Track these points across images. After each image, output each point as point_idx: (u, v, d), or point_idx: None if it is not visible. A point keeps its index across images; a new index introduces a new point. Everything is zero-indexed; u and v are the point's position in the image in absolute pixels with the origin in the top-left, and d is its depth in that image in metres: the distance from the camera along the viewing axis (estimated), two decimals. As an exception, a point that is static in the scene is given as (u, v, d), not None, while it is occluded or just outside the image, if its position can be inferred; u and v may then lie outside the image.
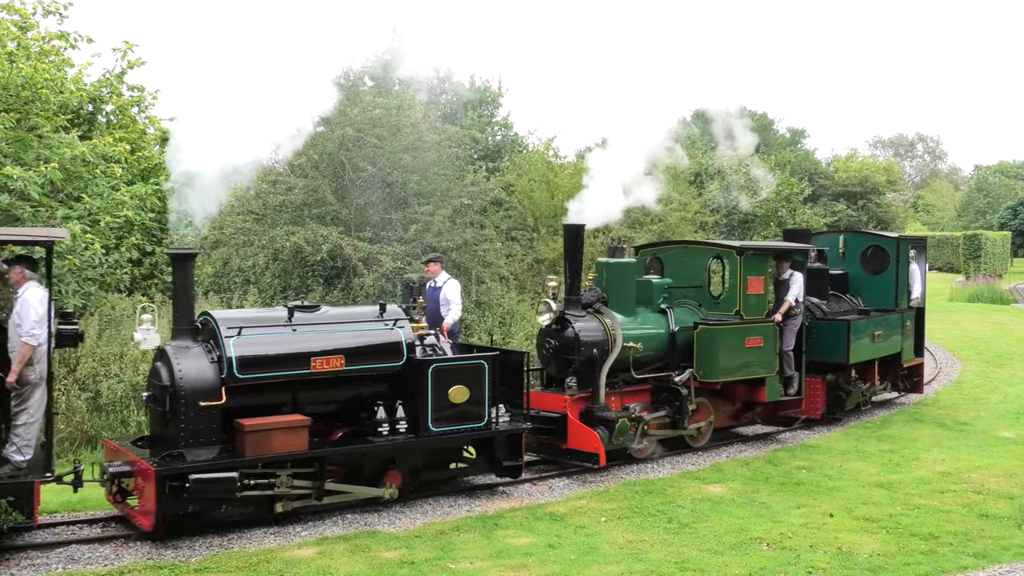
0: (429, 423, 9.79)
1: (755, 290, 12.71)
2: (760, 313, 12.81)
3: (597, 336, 11.60)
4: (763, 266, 12.90)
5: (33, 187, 12.44)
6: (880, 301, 15.44)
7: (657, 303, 12.58)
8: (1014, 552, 8.88)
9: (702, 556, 8.67)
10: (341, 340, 9.56)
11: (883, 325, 15.06)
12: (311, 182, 17.35)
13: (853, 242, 16.16)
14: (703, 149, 30.68)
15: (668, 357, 12.36)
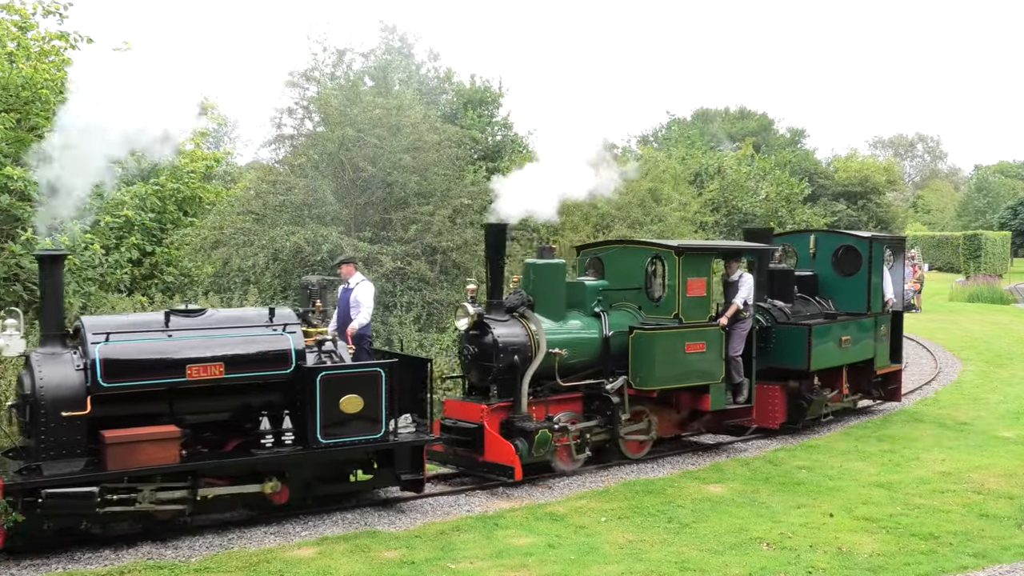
0: (318, 435, 9.18)
1: (696, 292, 11.92)
2: (703, 317, 12.06)
3: (519, 342, 10.95)
4: (705, 267, 12.13)
5: (33, 187, 12.45)
6: (852, 304, 14.78)
7: (590, 306, 11.91)
8: (1014, 552, 8.88)
9: (702, 556, 8.67)
10: (221, 346, 8.93)
11: (852, 330, 14.34)
12: (311, 182, 17.36)
13: (824, 242, 15.38)
14: (703, 149, 30.67)
15: (601, 363, 11.70)
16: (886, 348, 15.23)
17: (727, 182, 25.93)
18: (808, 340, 13.32)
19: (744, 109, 59.78)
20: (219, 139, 44.87)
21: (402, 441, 9.80)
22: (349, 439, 9.38)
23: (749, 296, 12.61)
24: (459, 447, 10.87)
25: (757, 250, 13.47)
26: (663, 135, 49.14)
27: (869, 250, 14.74)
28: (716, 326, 12.11)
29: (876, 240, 14.97)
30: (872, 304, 14.75)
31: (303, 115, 18.48)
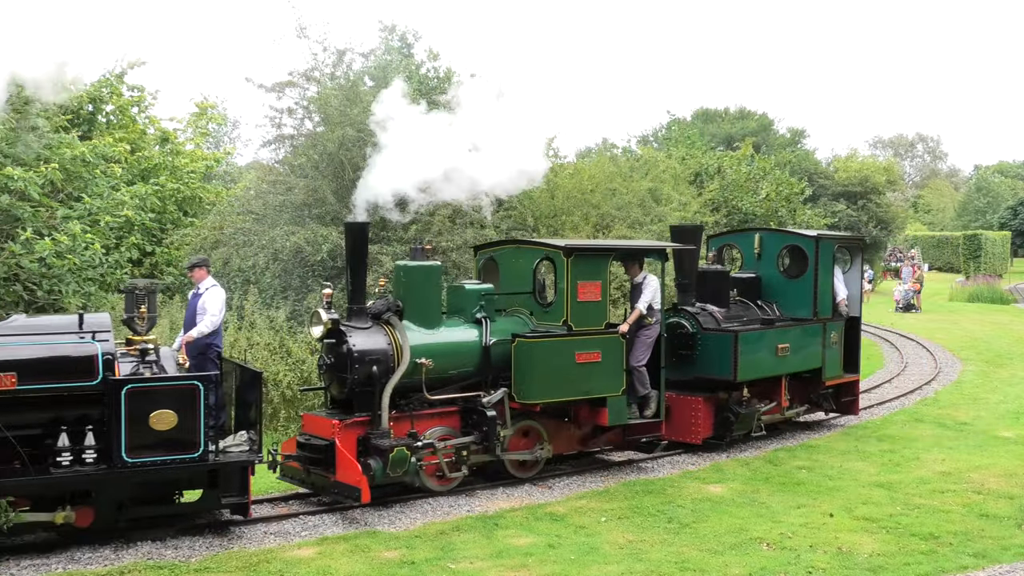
0: (123, 453, 8.32)
1: (589, 296, 10.92)
2: (597, 323, 11.04)
3: (379, 351, 10.01)
4: (599, 269, 11.07)
5: (33, 187, 12.47)
6: (798, 309, 13.66)
7: (472, 312, 10.91)
8: (1014, 552, 8.88)
9: (702, 556, 8.67)
10: (13, 355, 8.11)
11: (793, 336, 13.24)
12: (311, 182, 17.36)
13: (769, 242, 14.23)
14: (703, 149, 30.67)
15: (481, 374, 10.70)
16: (837, 357, 14.07)
17: (727, 182, 25.93)
18: (734, 348, 12.30)
19: (744, 109, 59.76)
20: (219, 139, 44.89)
21: (224, 461, 8.92)
22: (160, 459, 8.47)
23: (655, 300, 11.64)
24: (312, 466, 9.93)
25: (662, 250, 12.15)
26: (663, 135, 49.13)
27: (816, 250, 13.60)
28: (614, 334, 11.15)
29: (824, 239, 13.87)
30: (819, 309, 13.65)
31: (303, 115, 18.48)
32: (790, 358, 13.17)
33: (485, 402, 10.51)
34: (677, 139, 34.21)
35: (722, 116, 58.52)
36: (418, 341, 10.30)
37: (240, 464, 9.01)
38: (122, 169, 14.88)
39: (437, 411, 10.49)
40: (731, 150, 35.78)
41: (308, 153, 17.78)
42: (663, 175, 22.41)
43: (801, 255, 13.90)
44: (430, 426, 10.38)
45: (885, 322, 32.15)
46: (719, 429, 12.69)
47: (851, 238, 16.05)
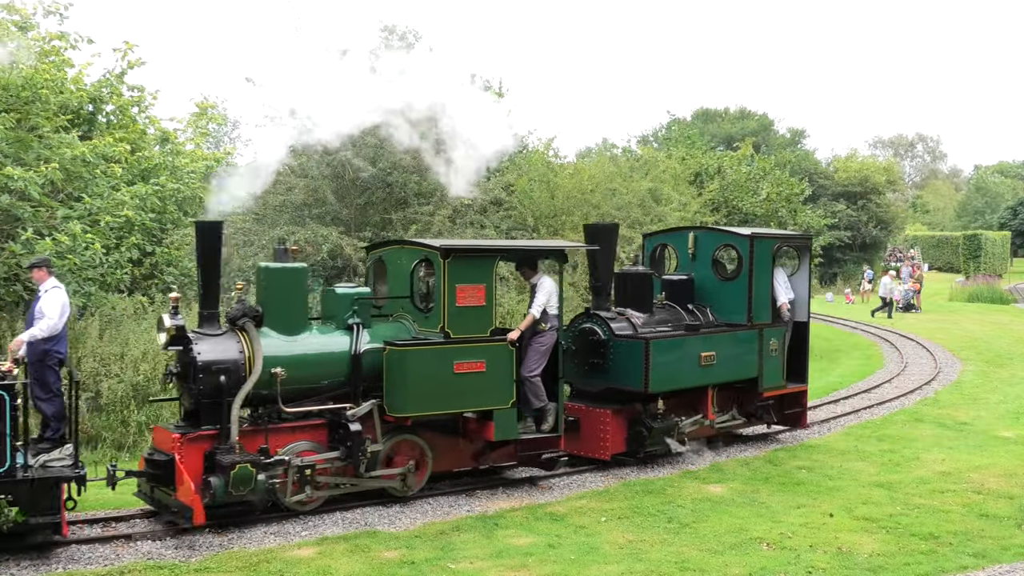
0: None
1: (470, 301, 10.06)
2: (480, 330, 10.15)
3: (228, 360, 9.22)
4: (482, 271, 10.19)
5: (33, 187, 12.47)
6: (733, 313, 12.69)
7: (344, 318, 10.10)
8: (1014, 552, 8.88)
9: (702, 556, 8.67)
10: None
11: (719, 344, 12.27)
12: (311, 182, 17.35)
13: (704, 241, 13.16)
14: (703, 149, 30.66)
15: (351, 385, 9.87)
16: (778, 365, 13.01)
17: (727, 182, 25.92)
18: (646, 356, 11.39)
19: (744, 109, 59.79)
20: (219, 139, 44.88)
21: (31, 477, 8.25)
22: None
23: (550, 303, 10.78)
24: (155, 482, 9.25)
25: (559, 251, 11.19)
26: (663, 135, 49.13)
27: (750, 250, 12.57)
28: (500, 341, 10.26)
29: (759, 238, 12.77)
30: (754, 314, 12.60)
31: (303, 115, 18.46)
32: (716, 367, 12.19)
33: (350, 415, 9.68)
34: (677, 139, 34.22)
35: (722, 116, 58.56)
36: (276, 349, 9.50)
37: (52, 480, 8.31)
38: (122, 169, 14.86)
39: (300, 424, 9.67)
40: (731, 150, 35.79)
41: (308, 153, 17.77)
42: (663, 175, 22.41)
43: (736, 255, 13.06)
44: (290, 441, 9.57)
45: (885, 322, 32.16)
46: (633, 444, 11.78)
47: (796, 237, 14.78)
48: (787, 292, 13.35)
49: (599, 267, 12.15)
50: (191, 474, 8.87)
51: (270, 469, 9.20)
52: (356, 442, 9.61)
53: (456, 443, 10.72)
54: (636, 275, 12.48)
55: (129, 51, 17.00)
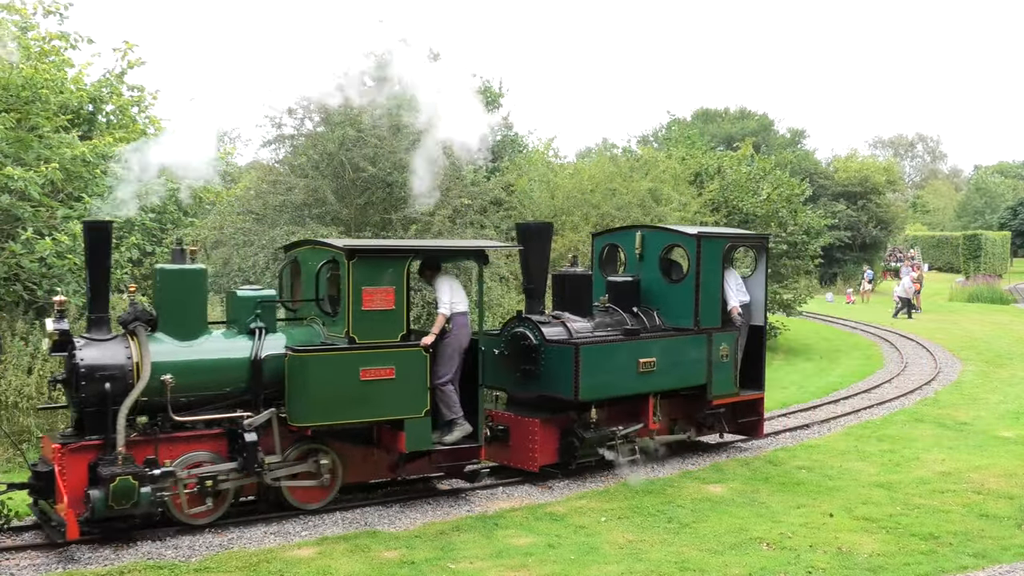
0: None
1: (378, 304, 9.55)
2: (390, 335, 9.62)
3: (113, 366, 8.79)
4: (390, 273, 9.66)
5: (34, 187, 12.46)
6: (681, 317, 12.07)
7: (246, 322, 9.61)
8: (1014, 552, 8.88)
9: (702, 556, 8.67)
10: None
11: (661, 350, 11.61)
12: (311, 182, 17.35)
13: (652, 240, 12.47)
14: (703, 149, 30.64)
15: (252, 393, 9.41)
16: (730, 372, 12.35)
17: (727, 182, 25.91)
18: (575, 363, 10.78)
19: (744, 109, 59.81)
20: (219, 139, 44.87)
21: None
22: None
23: (456, 303, 10.27)
24: (37, 495, 8.87)
25: (479, 252, 10.59)
26: (663, 135, 49.12)
27: (697, 250, 11.94)
28: (412, 347, 9.75)
29: (706, 238, 12.11)
30: (702, 317, 11.98)
31: (303, 115, 18.48)
32: (657, 374, 11.54)
33: (246, 424, 9.20)
34: (677, 139, 34.21)
35: (722, 116, 58.57)
36: (168, 355, 9.06)
37: None
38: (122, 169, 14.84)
39: (197, 434, 9.22)
40: (731, 150, 35.79)
41: (308, 153, 17.78)
42: (663, 175, 22.39)
43: (683, 256, 12.41)
44: (186, 451, 9.13)
45: (885, 322, 32.16)
46: (565, 455, 11.23)
47: (750, 237, 14.10)
48: (740, 295, 12.73)
49: (531, 268, 11.56)
50: (71, 486, 8.48)
51: (157, 481, 8.69)
52: (251, 453, 9.14)
53: (370, 453, 10.19)
54: (574, 277, 11.90)
55: (129, 51, 16.99)
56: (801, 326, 29.43)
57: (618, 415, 11.67)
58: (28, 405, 11.44)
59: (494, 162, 26.05)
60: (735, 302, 12.56)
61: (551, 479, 9.72)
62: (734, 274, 12.85)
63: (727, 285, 12.52)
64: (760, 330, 13.07)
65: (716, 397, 12.24)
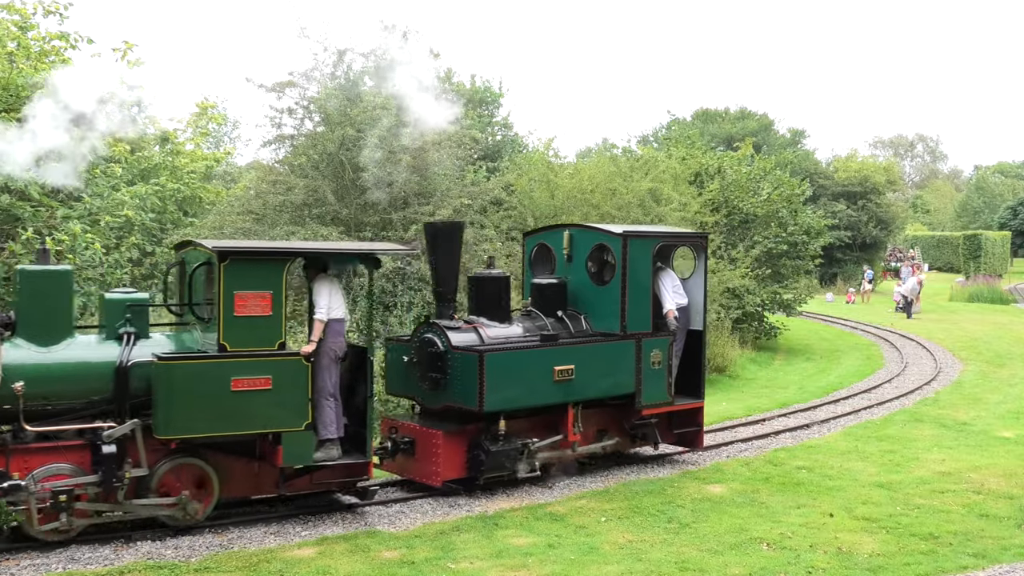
0: None
1: (252, 310, 8.95)
2: (266, 343, 9.03)
3: None
4: (267, 276, 9.05)
5: (33, 187, 12.47)
6: (609, 321, 11.37)
7: (116, 326, 9.10)
8: (1014, 552, 8.88)
9: (702, 556, 8.67)
10: None
11: (581, 357, 10.87)
12: (311, 182, 17.35)
13: (581, 240, 11.76)
14: (703, 149, 30.65)
15: (118, 401, 8.86)
16: (663, 380, 11.57)
17: (727, 182, 25.90)
18: (480, 371, 10.08)
19: (744, 109, 59.78)
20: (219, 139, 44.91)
21: None
22: None
23: (334, 309, 9.67)
24: None
25: (368, 255, 10.00)
26: (663, 135, 49.12)
27: (623, 250, 11.20)
28: (293, 356, 9.20)
29: (634, 237, 11.36)
30: (629, 322, 11.24)
31: (303, 115, 18.48)
32: (577, 383, 10.84)
33: (105, 435, 8.64)
34: (677, 139, 34.19)
35: (722, 116, 58.55)
36: (22, 360, 8.55)
37: None
38: (122, 169, 14.87)
39: (56, 445, 8.67)
40: (731, 150, 35.79)
41: (308, 153, 17.78)
42: (663, 175, 22.38)
43: (611, 256, 11.61)
44: (44, 463, 8.56)
45: (885, 322, 32.17)
46: (472, 469, 10.52)
47: (686, 235, 13.06)
48: (677, 297, 12.02)
49: (439, 271, 10.91)
50: None
51: (6, 495, 8.17)
52: (109, 466, 8.59)
53: (252, 467, 9.52)
54: (490, 279, 11.17)
55: (129, 51, 17.01)
56: (801, 326, 29.44)
57: (535, 426, 10.99)
58: None
59: (494, 162, 26.06)
60: (671, 305, 11.90)
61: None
62: (671, 275, 12.19)
63: (663, 287, 11.92)
64: (699, 335, 12.37)
65: (646, 407, 11.50)
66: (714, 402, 17.68)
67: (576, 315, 11.54)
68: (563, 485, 11.13)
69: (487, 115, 28.91)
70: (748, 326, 24.40)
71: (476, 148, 21.99)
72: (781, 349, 25.55)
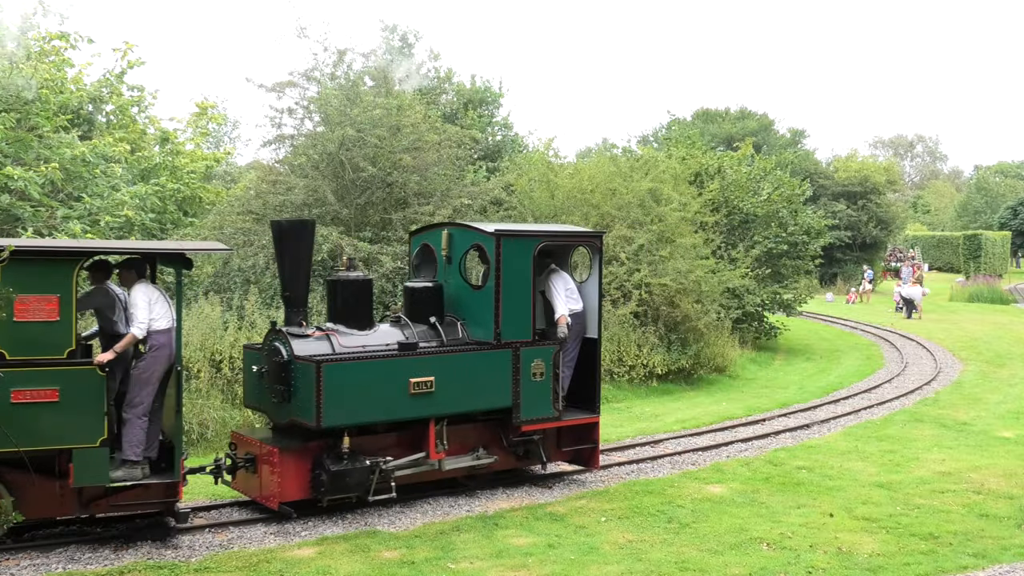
0: None
1: (36, 315, 8.18)
2: (54, 350, 8.25)
3: None
4: (53, 279, 8.28)
5: (34, 187, 12.47)
6: (487, 328, 10.28)
7: None
8: (1014, 552, 8.88)
9: (702, 556, 8.67)
10: None
11: (442, 367, 9.86)
12: (311, 182, 17.36)
13: (459, 240, 10.75)
14: (703, 149, 30.63)
15: None
16: (547, 392, 10.47)
17: (727, 182, 25.88)
18: (317, 382, 9.15)
19: (745, 109, 59.77)
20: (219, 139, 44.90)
21: None
22: None
23: (161, 318, 8.90)
24: None
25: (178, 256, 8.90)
26: (663, 135, 49.09)
27: (497, 250, 10.16)
28: (83, 365, 8.39)
29: (508, 237, 10.29)
30: (504, 328, 10.18)
31: (303, 115, 18.49)
32: (439, 396, 9.83)
33: None
34: (677, 139, 34.17)
35: (722, 116, 58.54)
36: None
37: None
38: (122, 169, 14.87)
39: None
40: (731, 150, 35.78)
41: (308, 153, 17.78)
42: (663, 175, 22.35)
43: (486, 257, 10.60)
44: None
45: (885, 322, 32.16)
46: (316, 490, 9.58)
47: (576, 234, 11.65)
48: (569, 301, 10.98)
49: (287, 273, 9.98)
50: None
51: None
52: None
53: (53, 486, 8.62)
54: (349, 283, 10.15)
55: (129, 51, 17.01)
56: (801, 326, 29.44)
57: (398, 443, 10.09)
58: None
59: (494, 162, 26.05)
60: (563, 310, 10.86)
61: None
62: (565, 278, 11.09)
63: (554, 290, 10.95)
64: (594, 343, 11.22)
65: (527, 422, 10.42)
66: (714, 402, 17.69)
67: (454, 322, 10.53)
68: (563, 485, 11.13)
69: (487, 115, 28.91)
70: (748, 326, 24.40)
71: (476, 148, 22.01)
72: (781, 349, 25.55)
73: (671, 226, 20.69)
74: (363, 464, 9.64)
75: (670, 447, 13.26)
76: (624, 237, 20.10)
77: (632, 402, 17.53)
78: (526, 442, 10.82)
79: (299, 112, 18.39)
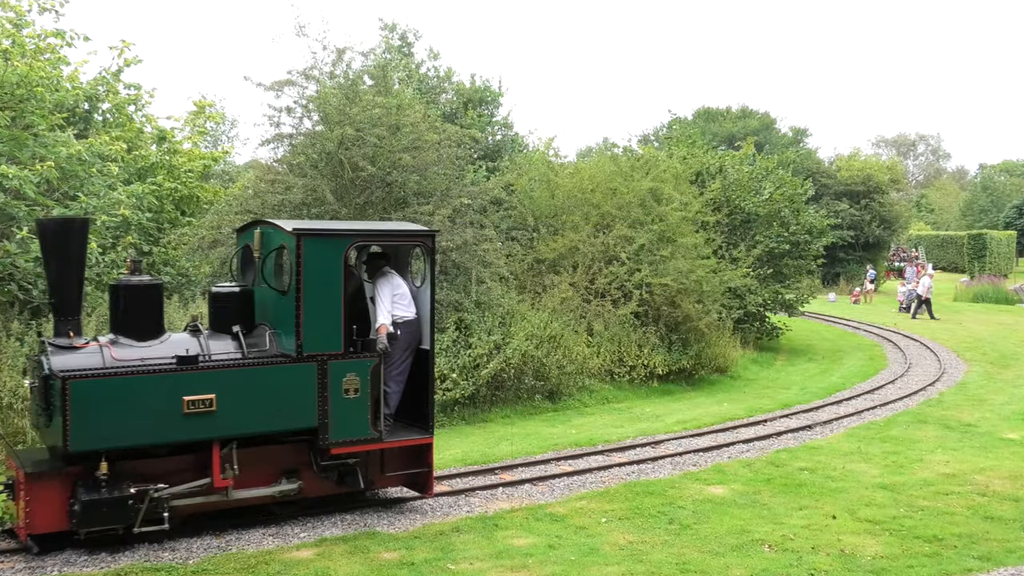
0: None
1: None
2: None
3: None
4: None
5: (29, 186, 12.37)
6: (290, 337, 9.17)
7: None
8: (1019, 555, 8.80)
9: (703, 557, 8.59)
10: None
11: (229, 383, 8.79)
12: (310, 181, 17.27)
13: (271, 240, 9.66)
14: (704, 148, 30.53)
15: None
16: (363, 411, 9.37)
17: (729, 182, 25.78)
18: (64, 401, 8.14)
19: (746, 108, 59.69)
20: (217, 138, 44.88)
21: None
22: None
23: None
24: None
25: None
26: (664, 134, 49.00)
27: (297, 251, 9.05)
28: None
29: (311, 235, 9.19)
30: (308, 339, 9.07)
31: (302, 114, 18.39)
32: (222, 416, 8.75)
33: None
34: (678, 138, 34.06)
35: (724, 115, 58.48)
36: None
37: None
38: (119, 168, 14.79)
39: None
40: (733, 149, 35.68)
41: (307, 152, 17.69)
42: (664, 175, 22.26)
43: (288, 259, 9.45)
44: None
45: (888, 322, 32.06)
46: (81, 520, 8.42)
47: (401, 234, 10.38)
48: (397, 308, 10.05)
49: (53, 279, 8.88)
50: None
51: None
52: None
53: None
54: (132, 288, 9.00)
55: (126, 49, 16.93)
56: (803, 326, 29.35)
57: (182, 468, 8.97)
58: (23, 406, 11.38)
59: (494, 162, 25.97)
60: (385, 319, 9.86)
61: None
62: (392, 283, 10.14)
63: (379, 296, 10.03)
64: (427, 354, 10.09)
65: (337, 444, 9.29)
66: (715, 403, 17.60)
67: (263, 332, 9.45)
68: (563, 485, 11.06)
69: (487, 115, 28.81)
70: (750, 326, 24.31)
71: (476, 147, 21.92)
72: (783, 349, 25.46)
73: (672, 226, 20.60)
74: (123, 492, 8.48)
75: (671, 448, 13.18)
76: (625, 237, 20.01)
77: (633, 402, 17.46)
78: (340, 466, 9.60)
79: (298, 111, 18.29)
